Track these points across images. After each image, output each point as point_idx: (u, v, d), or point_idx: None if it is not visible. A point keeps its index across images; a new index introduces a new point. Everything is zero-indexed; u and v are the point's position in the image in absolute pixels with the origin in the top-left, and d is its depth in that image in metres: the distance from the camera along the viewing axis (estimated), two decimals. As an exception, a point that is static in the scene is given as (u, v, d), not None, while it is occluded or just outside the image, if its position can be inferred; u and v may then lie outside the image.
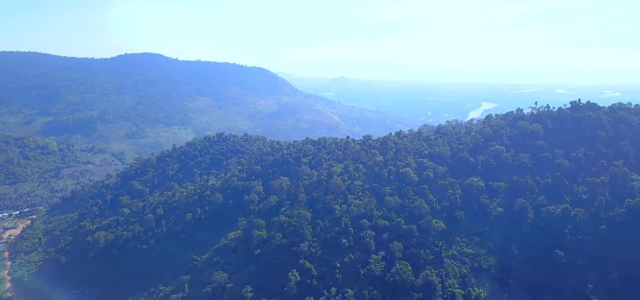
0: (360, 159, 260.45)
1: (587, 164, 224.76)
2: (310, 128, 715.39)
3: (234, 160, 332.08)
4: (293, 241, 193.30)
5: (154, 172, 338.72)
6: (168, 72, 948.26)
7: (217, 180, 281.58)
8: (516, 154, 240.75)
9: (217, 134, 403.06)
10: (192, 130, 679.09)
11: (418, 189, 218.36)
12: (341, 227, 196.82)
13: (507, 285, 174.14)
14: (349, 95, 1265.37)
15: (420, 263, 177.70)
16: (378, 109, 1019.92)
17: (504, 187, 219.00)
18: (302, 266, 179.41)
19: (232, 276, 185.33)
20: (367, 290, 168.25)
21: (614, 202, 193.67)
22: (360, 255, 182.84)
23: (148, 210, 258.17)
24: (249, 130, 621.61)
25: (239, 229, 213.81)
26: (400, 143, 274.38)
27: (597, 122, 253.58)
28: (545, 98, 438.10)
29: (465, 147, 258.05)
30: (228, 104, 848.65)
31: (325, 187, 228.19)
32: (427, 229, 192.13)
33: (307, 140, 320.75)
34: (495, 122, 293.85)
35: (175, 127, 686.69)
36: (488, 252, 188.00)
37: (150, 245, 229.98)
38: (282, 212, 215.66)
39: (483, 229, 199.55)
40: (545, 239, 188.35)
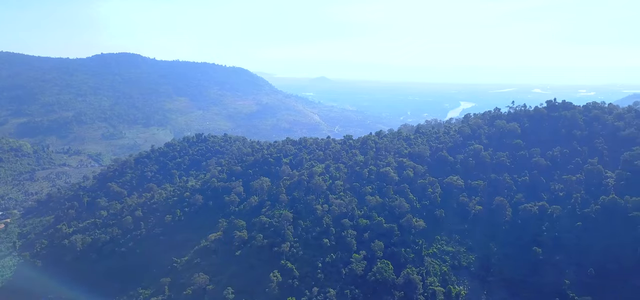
0: (341, 158, 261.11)
1: (563, 162, 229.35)
2: (291, 128, 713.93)
3: (213, 161, 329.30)
4: (274, 242, 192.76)
5: (132, 173, 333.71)
6: (145, 72, 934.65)
7: (197, 181, 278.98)
8: (494, 152, 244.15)
9: (196, 135, 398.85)
10: (170, 130, 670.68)
11: (398, 188, 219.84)
12: (323, 227, 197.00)
13: (486, 282, 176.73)
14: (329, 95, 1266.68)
15: (401, 262, 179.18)
16: (358, 108, 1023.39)
17: (482, 185, 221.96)
18: (283, 267, 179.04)
19: (213, 278, 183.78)
20: (349, 290, 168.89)
21: (589, 199, 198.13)
22: (341, 254, 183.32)
23: (126, 212, 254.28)
24: (229, 130, 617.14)
25: (220, 230, 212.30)
26: (380, 143, 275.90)
27: (572, 121, 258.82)
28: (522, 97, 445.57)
29: (444, 146, 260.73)
30: (207, 104, 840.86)
31: (306, 187, 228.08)
32: (407, 227, 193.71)
33: (287, 141, 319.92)
34: (474, 121, 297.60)
35: (154, 128, 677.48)
36: (468, 250, 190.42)
37: (129, 247, 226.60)
38: (263, 213, 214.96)
39: (462, 227, 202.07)
40: (524, 236, 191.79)
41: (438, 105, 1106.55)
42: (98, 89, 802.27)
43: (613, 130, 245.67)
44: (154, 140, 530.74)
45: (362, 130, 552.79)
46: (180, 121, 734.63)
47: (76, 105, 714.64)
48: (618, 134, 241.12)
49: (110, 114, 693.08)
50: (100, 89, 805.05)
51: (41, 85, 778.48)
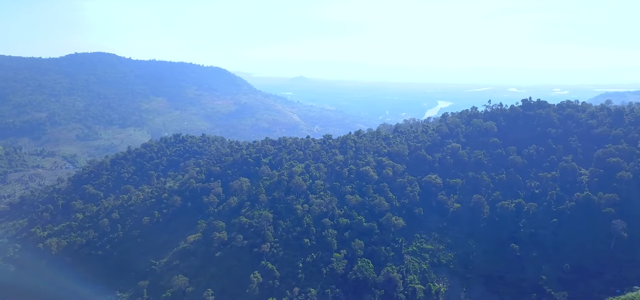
0: (320, 158, 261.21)
1: (538, 159, 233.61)
2: (270, 128, 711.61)
3: (191, 161, 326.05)
4: (254, 242, 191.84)
5: (108, 175, 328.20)
6: (121, 72, 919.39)
7: (175, 182, 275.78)
8: (472, 151, 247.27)
9: (174, 135, 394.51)
10: (147, 131, 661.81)
11: (378, 187, 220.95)
12: (303, 227, 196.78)
13: (465, 279, 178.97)
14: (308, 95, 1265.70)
15: (381, 260, 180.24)
16: (337, 108, 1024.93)
17: (460, 183, 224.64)
18: (264, 267, 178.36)
19: (192, 280, 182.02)
20: (330, 289, 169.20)
21: (564, 196, 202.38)
22: (322, 254, 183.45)
23: (103, 214, 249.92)
24: (207, 130, 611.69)
25: (199, 231, 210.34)
26: (359, 142, 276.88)
27: (547, 119, 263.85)
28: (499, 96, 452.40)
29: (422, 145, 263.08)
30: (185, 104, 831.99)
31: (286, 187, 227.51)
32: (387, 226, 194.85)
33: (267, 140, 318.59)
34: (451, 120, 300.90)
35: (130, 129, 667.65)
36: (446, 248, 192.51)
37: (105, 250, 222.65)
38: (243, 213, 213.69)
39: (441, 224, 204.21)
40: (501, 233, 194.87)
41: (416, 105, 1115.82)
42: (72, 89, 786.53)
43: (586, 129, 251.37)
44: (130, 141, 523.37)
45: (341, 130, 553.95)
46: (158, 122, 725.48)
47: (49, 106, 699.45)
48: (591, 132, 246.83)
49: (85, 115, 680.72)
50: (74, 89, 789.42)
51: (12, 85, 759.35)
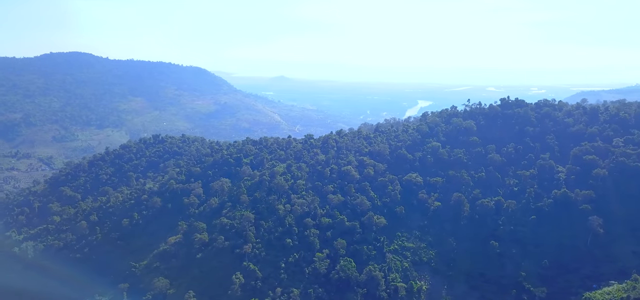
0: (302, 158, 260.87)
1: (517, 157, 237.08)
2: (251, 128, 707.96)
3: (171, 162, 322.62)
4: (236, 243, 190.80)
5: (86, 177, 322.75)
6: (98, 72, 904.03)
7: (155, 184, 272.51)
8: (451, 149, 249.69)
9: (153, 136, 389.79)
10: (126, 132, 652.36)
11: (359, 186, 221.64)
12: (285, 227, 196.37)
13: (446, 277, 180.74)
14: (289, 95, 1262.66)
15: (363, 259, 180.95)
16: (318, 108, 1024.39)
17: (441, 182, 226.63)
18: (246, 268, 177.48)
19: (173, 282, 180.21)
20: (312, 289, 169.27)
21: (542, 193, 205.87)
22: (304, 254, 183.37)
23: (81, 217, 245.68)
24: (187, 131, 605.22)
25: (179, 233, 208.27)
26: (341, 142, 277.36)
27: (525, 118, 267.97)
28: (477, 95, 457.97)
29: (403, 144, 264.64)
30: (164, 104, 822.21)
31: (268, 187, 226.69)
32: (369, 225, 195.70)
33: (247, 140, 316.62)
34: (431, 119, 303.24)
35: (108, 129, 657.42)
36: (428, 246, 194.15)
37: (84, 253, 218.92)
38: (224, 214, 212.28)
39: (422, 223, 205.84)
40: (481, 231, 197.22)
41: (396, 104, 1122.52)
42: (48, 89, 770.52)
43: (563, 127, 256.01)
44: (108, 142, 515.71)
45: (322, 130, 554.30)
46: (136, 122, 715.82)
47: (24, 107, 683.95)
48: (567, 130, 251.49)
49: (62, 116, 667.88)
50: (50, 89, 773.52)
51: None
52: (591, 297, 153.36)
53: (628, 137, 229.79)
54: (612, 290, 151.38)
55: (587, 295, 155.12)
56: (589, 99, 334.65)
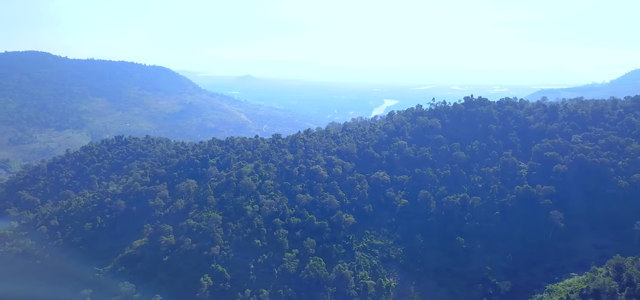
0: (270, 157, 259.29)
1: (481, 155, 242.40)
2: (217, 128, 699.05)
3: (135, 164, 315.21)
4: (204, 245, 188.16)
5: (45, 180, 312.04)
6: (57, 72, 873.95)
7: (118, 186, 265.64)
8: (417, 148, 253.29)
9: (116, 137, 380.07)
10: (87, 133, 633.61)
11: (328, 185, 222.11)
12: (254, 228, 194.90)
13: (415, 273, 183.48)
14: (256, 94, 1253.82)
15: (333, 258, 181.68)
16: (286, 107, 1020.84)
17: (407, 180, 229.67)
18: (214, 270, 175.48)
19: (139, 286, 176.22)
20: (282, 289, 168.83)
21: (505, 189, 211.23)
22: (274, 254, 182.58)
23: (40, 221, 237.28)
24: (151, 131, 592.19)
25: (145, 236, 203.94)
26: (309, 141, 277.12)
27: (488, 116, 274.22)
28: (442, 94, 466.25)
29: (370, 143, 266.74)
30: (127, 104, 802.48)
31: (235, 187, 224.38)
32: (338, 224, 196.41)
33: (214, 141, 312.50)
34: (397, 118, 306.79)
35: (68, 131, 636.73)
36: (396, 243, 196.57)
37: (44, 259, 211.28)
38: (191, 216, 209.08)
39: (390, 220, 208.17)
40: (447, 227, 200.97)
41: (363, 103, 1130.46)
42: (2, 90, 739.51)
43: (524, 124, 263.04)
44: (69, 144, 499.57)
45: (290, 129, 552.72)
46: (98, 123, 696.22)
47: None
48: (529, 127, 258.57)
49: (18, 117, 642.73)
50: (5, 90, 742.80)
51: None
52: (553, 289, 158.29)
53: (586, 133, 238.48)
54: (572, 282, 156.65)
55: (550, 288, 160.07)
56: (549, 97, 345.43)
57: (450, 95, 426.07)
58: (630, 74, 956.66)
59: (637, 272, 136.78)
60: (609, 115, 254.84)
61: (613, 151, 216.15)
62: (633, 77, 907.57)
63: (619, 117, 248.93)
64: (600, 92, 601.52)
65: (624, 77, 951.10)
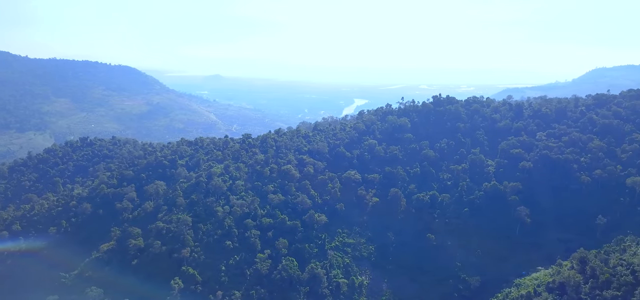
0: (240, 158, 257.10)
1: (449, 152, 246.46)
2: (186, 128, 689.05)
3: (102, 166, 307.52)
4: (173, 248, 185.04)
5: (6, 184, 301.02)
6: (17, 72, 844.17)
7: (84, 189, 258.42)
8: (387, 146, 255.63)
9: (80, 138, 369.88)
10: (50, 135, 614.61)
11: (300, 185, 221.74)
12: (224, 229, 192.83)
13: (386, 271, 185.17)
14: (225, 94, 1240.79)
15: (305, 257, 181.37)
16: (256, 107, 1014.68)
17: (378, 178, 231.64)
18: (185, 273, 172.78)
19: (107, 290, 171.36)
20: (255, 290, 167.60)
21: (473, 186, 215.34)
22: (245, 255, 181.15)
23: (1, 227, 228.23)
24: (118, 133, 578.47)
25: (112, 239, 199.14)
26: (280, 141, 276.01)
27: (456, 115, 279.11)
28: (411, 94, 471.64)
29: (341, 142, 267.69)
30: (91, 105, 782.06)
31: (205, 189, 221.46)
32: (310, 223, 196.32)
33: (182, 141, 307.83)
34: (368, 117, 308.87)
35: (30, 133, 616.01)
36: (367, 241, 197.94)
37: (6, 266, 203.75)
38: (160, 218, 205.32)
39: (362, 219, 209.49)
40: (418, 224, 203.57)
41: (334, 103, 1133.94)
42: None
43: (491, 122, 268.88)
44: (31, 146, 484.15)
45: (261, 129, 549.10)
46: (61, 124, 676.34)
47: None
48: (495, 126, 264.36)
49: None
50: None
51: None
52: (521, 283, 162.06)
53: (550, 131, 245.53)
54: (539, 276, 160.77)
55: (518, 282, 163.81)
56: (514, 95, 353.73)
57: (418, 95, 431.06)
58: (590, 72, 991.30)
59: (600, 264, 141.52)
60: (571, 113, 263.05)
61: (576, 148, 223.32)
62: (593, 75, 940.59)
63: (581, 115, 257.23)
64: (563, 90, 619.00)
65: (584, 75, 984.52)
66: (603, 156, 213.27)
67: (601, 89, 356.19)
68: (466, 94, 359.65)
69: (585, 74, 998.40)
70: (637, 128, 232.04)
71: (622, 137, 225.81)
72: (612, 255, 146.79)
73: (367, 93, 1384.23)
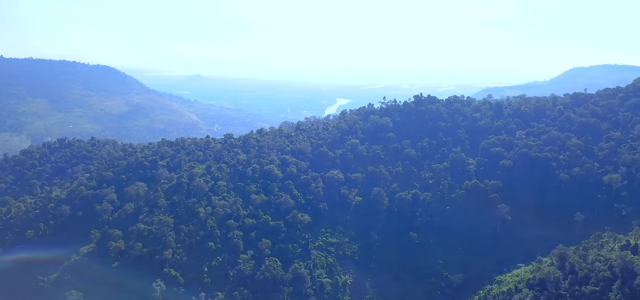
0: (222, 158, 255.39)
1: (431, 151, 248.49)
2: (166, 128, 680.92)
3: (80, 167, 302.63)
4: (155, 249, 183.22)
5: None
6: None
7: (63, 191, 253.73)
8: (370, 146, 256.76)
9: (58, 140, 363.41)
10: (27, 136, 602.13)
11: (283, 185, 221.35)
12: (207, 230, 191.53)
13: (370, 269, 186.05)
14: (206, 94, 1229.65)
15: (289, 257, 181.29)
16: (237, 106, 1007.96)
17: (361, 177, 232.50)
18: (167, 274, 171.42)
19: (87, 294, 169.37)
20: (238, 291, 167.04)
21: (455, 185, 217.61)
22: (228, 256, 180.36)
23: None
24: (97, 134, 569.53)
25: (92, 242, 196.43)
26: (262, 140, 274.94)
27: (437, 114, 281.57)
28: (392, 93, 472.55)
29: (324, 142, 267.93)
30: (70, 106, 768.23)
31: (186, 189, 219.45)
32: (293, 223, 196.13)
33: (163, 142, 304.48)
34: (350, 117, 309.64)
35: (6, 134, 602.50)
36: (351, 240, 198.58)
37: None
38: (141, 220, 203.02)
39: (345, 218, 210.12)
40: (400, 223, 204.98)
41: (316, 103, 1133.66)
42: None
43: (472, 121, 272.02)
44: (7, 148, 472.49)
45: (242, 129, 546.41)
46: (39, 125, 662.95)
47: None
48: (476, 125, 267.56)
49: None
50: None
51: None
52: (502, 280, 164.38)
53: (529, 129, 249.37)
54: (520, 273, 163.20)
55: (499, 279, 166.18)
56: (494, 95, 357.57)
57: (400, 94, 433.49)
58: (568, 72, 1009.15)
59: (579, 260, 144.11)
60: (550, 112, 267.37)
61: (554, 146, 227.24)
62: (571, 75, 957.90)
63: (559, 114, 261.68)
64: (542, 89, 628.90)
65: (562, 75, 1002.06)
66: (581, 154, 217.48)
67: (578, 88, 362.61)
68: (447, 94, 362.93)
69: (563, 74, 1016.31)
70: (613, 126, 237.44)
71: (599, 135, 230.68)
72: (590, 251, 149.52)
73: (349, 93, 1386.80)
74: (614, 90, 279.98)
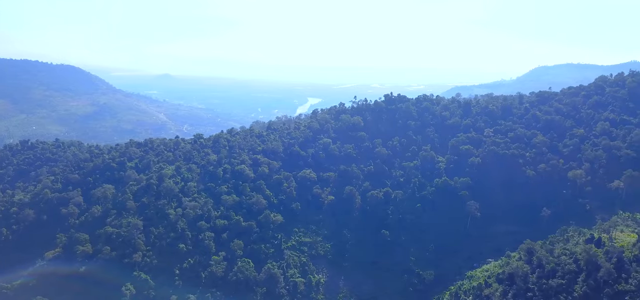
0: (192, 159, 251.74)
1: (401, 150, 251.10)
2: (134, 129, 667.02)
3: (44, 169, 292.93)
4: (124, 253, 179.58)
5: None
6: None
7: (26, 194, 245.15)
8: (342, 145, 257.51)
9: (21, 142, 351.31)
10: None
11: (254, 185, 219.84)
12: (177, 232, 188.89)
13: (343, 268, 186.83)
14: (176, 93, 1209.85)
15: (261, 258, 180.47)
16: (207, 106, 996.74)
17: (333, 176, 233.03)
18: (137, 278, 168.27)
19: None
20: (210, 293, 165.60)
21: (425, 182, 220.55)
22: (200, 258, 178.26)
23: None
24: (61, 135, 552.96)
25: (58, 246, 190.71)
26: (233, 140, 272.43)
27: (407, 113, 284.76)
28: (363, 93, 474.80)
29: (296, 141, 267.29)
30: (32, 106, 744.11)
31: (156, 191, 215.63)
32: (266, 223, 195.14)
33: (131, 142, 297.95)
34: (322, 116, 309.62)
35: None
36: (324, 239, 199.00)
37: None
38: (109, 223, 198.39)
39: (318, 217, 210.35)
40: (372, 221, 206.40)
41: (287, 102, 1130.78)
42: None
43: (441, 120, 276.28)
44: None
45: (213, 129, 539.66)
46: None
47: None
48: (445, 123, 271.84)
49: None
50: None
51: None
52: (473, 275, 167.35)
53: (496, 127, 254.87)
54: (490, 267, 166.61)
55: (469, 274, 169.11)
56: (462, 93, 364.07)
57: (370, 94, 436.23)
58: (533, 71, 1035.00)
59: (546, 254, 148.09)
60: (516, 110, 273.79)
61: (521, 143, 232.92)
62: (536, 74, 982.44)
63: (525, 112, 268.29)
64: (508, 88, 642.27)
65: (528, 73, 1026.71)
66: (546, 151, 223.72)
67: (543, 86, 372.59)
68: (416, 93, 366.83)
69: (528, 72, 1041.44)
70: (576, 123, 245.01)
71: (564, 132, 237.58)
72: (556, 245, 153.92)
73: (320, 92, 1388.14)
74: (577, 89, 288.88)
